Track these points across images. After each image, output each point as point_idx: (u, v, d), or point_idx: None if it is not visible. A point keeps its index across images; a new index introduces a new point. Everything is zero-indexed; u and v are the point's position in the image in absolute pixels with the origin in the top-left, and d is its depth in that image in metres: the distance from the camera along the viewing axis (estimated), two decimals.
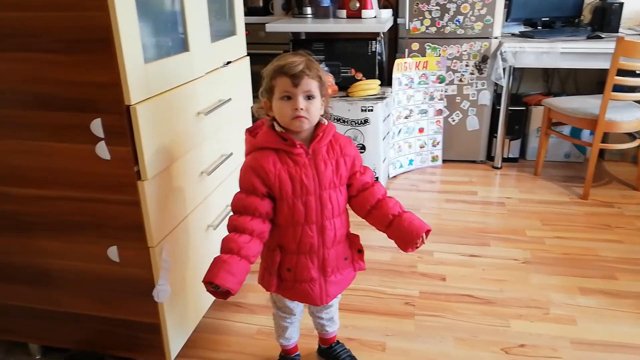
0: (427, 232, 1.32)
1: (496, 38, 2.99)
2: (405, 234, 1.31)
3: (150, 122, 1.29)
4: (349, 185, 1.36)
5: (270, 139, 1.26)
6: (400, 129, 3.08)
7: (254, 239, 1.25)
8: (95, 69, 1.19)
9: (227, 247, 1.24)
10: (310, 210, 1.29)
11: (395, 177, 3.10)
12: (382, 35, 2.96)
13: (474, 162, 3.29)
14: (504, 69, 2.92)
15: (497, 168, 3.20)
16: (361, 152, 2.73)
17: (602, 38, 2.89)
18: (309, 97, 1.23)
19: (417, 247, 1.32)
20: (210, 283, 1.20)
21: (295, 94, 1.21)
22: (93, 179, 1.31)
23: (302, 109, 1.21)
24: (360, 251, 1.44)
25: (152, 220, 1.33)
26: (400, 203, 1.37)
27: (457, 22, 2.98)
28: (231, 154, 1.78)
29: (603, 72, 2.65)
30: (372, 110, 2.73)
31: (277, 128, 1.26)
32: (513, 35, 3.14)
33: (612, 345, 1.69)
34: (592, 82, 3.37)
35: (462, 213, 2.63)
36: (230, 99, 1.73)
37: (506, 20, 3.10)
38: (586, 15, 3.24)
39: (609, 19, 3.02)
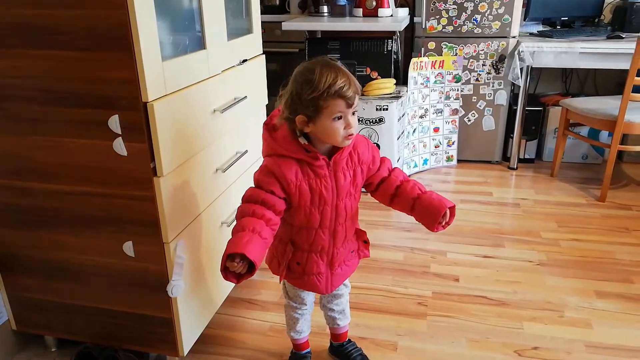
0: (452, 208, 1.30)
1: (514, 37, 2.96)
2: (427, 215, 1.31)
3: (167, 119, 1.30)
4: (367, 184, 1.37)
5: (292, 148, 1.23)
6: (415, 128, 3.07)
7: (268, 227, 1.22)
8: (113, 66, 1.20)
9: (244, 225, 1.18)
10: (325, 218, 1.30)
11: (409, 176, 3.08)
12: (398, 34, 2.95)
13: (489, 162, 3.26)
14: (521, 69, 2.89)
15: (512, 169, 3.17)
16: None
17: (623, 38, 2.85)
18: (354, 113, 1.21)
19: (446, 226, 1.31)
20: (232, 258, 1.13)
21: (347, 113, 1.18)
22: (110, 174, 1.33)
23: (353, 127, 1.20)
24: (366, 242, 1.45)
25: (167, 216, 1.35)
26: (420, 184, 1.36)
27: (475, 21, 2.96)
28: (246, 151, 1.79)
29: (623, 73, 2.61)
30: (387, 109, 2.72)
31: (302, 141, 1.23)
32: (531, 34, 3.11)
33: (628, 350, 1.67)
34: (611, 82, 3.32)
35: (477, 214, 2.62)
36: (245, 97, 1.74)
37: (524, 20, 3.07)
38: (606, 15, 3.20)
39: (629, 19, 2.98)
